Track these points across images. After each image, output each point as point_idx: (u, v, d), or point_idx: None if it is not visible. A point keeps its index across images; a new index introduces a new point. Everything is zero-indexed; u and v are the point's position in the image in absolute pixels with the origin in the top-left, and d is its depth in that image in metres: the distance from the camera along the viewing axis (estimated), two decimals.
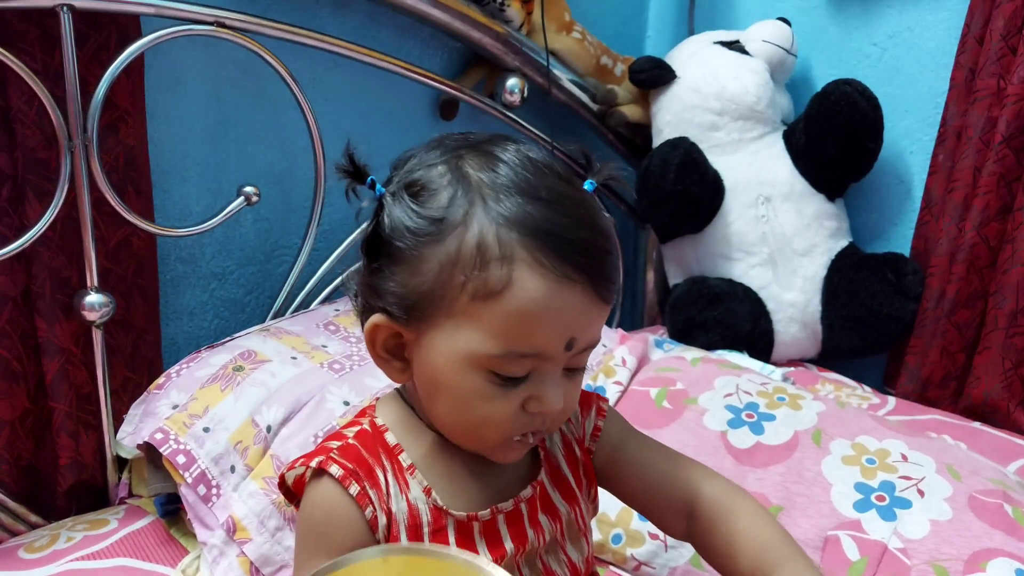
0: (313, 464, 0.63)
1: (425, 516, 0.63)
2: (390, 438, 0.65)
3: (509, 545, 0.64)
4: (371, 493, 0.62)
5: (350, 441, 0.65)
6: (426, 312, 0.58)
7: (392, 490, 0.63)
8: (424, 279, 0.58)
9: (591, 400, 0.72)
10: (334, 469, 0.62)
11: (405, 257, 0.58)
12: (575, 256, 0.56)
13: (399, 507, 0.63)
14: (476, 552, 0.63)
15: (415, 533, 0.63)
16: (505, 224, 0.56)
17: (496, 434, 0.61)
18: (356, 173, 0.62)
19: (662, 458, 0.72)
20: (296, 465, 0.65)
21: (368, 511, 0.62)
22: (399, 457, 0.64)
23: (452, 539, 0.63)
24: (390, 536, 0.63)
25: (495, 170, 0.58)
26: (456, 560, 0.52)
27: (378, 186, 0.61)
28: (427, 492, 0.63)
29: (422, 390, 0.63)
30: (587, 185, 0.62)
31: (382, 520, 0.62)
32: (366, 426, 0.66)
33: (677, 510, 0.71)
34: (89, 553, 1.01)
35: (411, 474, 0.64)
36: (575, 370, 0.62)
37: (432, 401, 0.62)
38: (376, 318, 0.61)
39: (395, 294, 0.59)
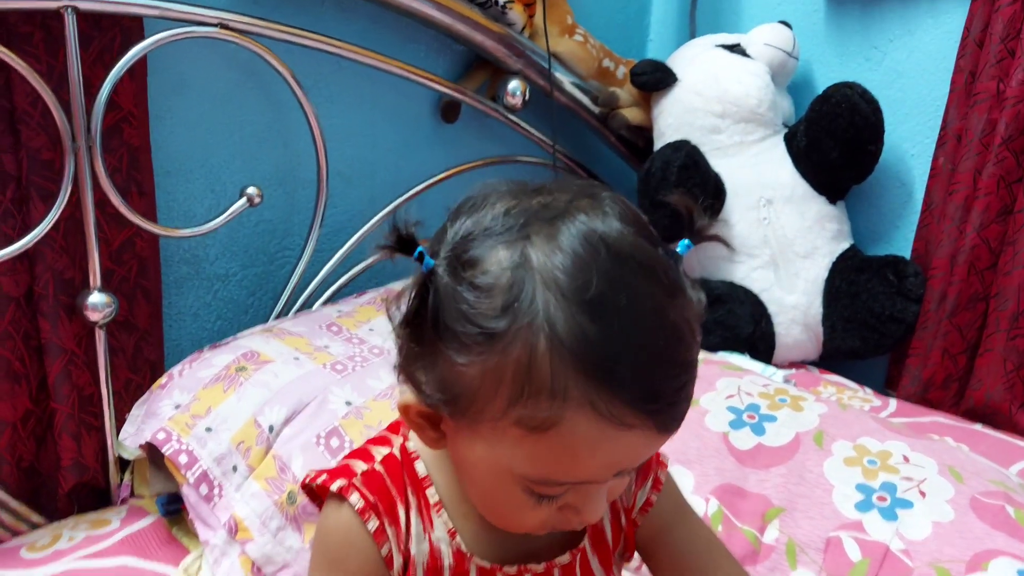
0: (334, 488, 0.59)
1: (447, 559, 0.59)
2: (420, 468, 0.60)
3: None
4: (389, 531, 0.59)
5: (376, 467, 0.60)
6: (464, 415, 0.51)
7: (414, 529, 0.59)
8: (466, 390, 0.50)
9: (650, 470, 0.66)
10: (355, 498, 0.58)
11: (447, 361, 0.50)
12: (639, 402, 0.47)
13: (419, 548, 0.59)
14: None
15: (434, 575, 0.60)
16: (560, 349, 0.47)
17: (525, 530, 0.57)
18: (402, 245, 0.51)
19: (703, 547, 0.68)
20: (320, 478, 0.61)
21: (384, 549, 0.58)
22: (427, 492, 0.60)
23: None
24: (406, 575, 0.59)
25: (557, 264, 0.47)
26: None
27: (427, 259, 0.51)
28: (452, 534, 0.60)
29: (455, 465, 0.58)
30: (680, 247, 0.54)
31: (398, 560, 0.59)
32: (396, 451, 0.62)
33: None
34: (91, 552, 1.01)
35: (437, 512, 0.60)
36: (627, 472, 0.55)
37: (463, 481, 0.58)
38: (410, 398, 0.54)
39: (431, 388, 0.52)
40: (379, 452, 0.62)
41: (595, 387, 0.47)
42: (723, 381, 1.16)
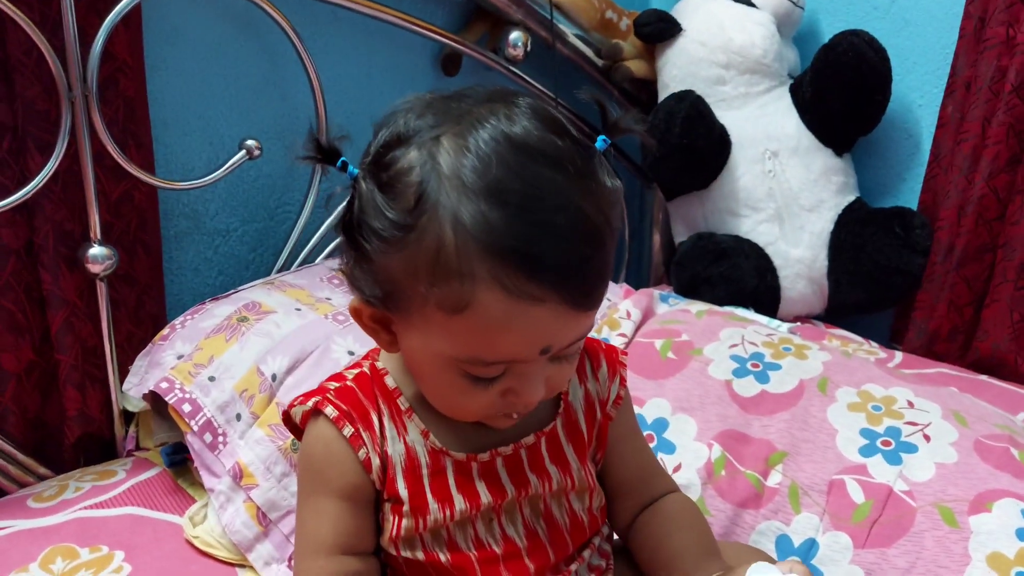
0: (310, 404, 0.64)
1: (423, 458, 0.64)
2: (389, 381, 0.65)
3: (510, 488, 0.65)
4: (364, 435, 0.63)
5: (348, 383, 0.66)
6: (398, 308, 0.56)
7: (388, 433, 0.64)
8: (391, 282, 0.55)
9: (616, 366, 0.71)
10: (329, 410, 0.63)
11: (371, 258, 0.55)
12: (543, 274, 0.52)
13: (395, 449, 0.63)
14: (476, 492, 0.64)
15: (414, 475, 0.64)
16: (465, 236, 0.51)
17: (475, 416, 0.61)
18: (325, 155, 0.58)
19: (652, 455, 0.76)
20: (297, 403, 0.66)
21: (361, 452, 0.63)
22: (397, 400, 0.65)
23: (452, 479, 0.64)
24: (386, 477, 0.63)
25: (464, 163, 0.52)
26: None
27: (350, 167, 0.57)
28: (425, 435, 0.64)
29: (407, 365, 0.63)
30: (598, 143, 0.58)
31: (375, 462, 0.63)
32: (366, 369, 0.67)
33: (638, 504, 0.73)
34: (97, 502, 1.01)
35: (409, 417, 0.64)
36: (565, 357, 0.59)
37: (416, 378, 0.63)
38: (355, 301, 0.60)
39: (368, 286, 0.57)
40: (350, 373, 0.67)
41: (499, 264, 0.51)
42: (727, 331, 1.16)
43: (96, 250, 1.07)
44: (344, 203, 0.58)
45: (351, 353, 1.02)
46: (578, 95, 0.86)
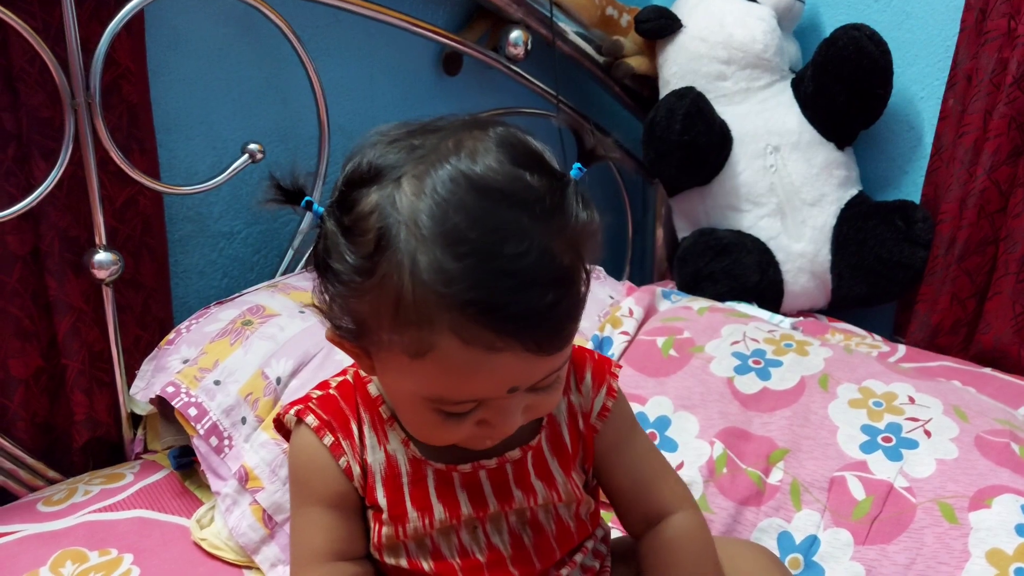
0: (292, 412, 0.66)
1: (404, 466, 0.64)
2: (372, 389, 0.66)
3: (493, 501, 0.65)
4: (344, 444, 0.64)
5: (331, 392, 0.67)
6: (368, 344, 0.56)
7: (369, 441, 0.64)
8: (357, 324, 0.55)
9: (604, 376, 0.70)
10: (310, 419, 0.64)
11: (337, 299, 0.55)
12: (502, 325, 0.50)
13: (375, 458, 0.64)
14: (457, 502, 0.64)
15: (393, 483, 0.64)
16: (422, 285, 0.50)
17: (451, 443, 0.60)
18: (289, 196, 0.57)
19: (656, 464, 0.72)
20: (288, 411, 0.67)
21: (342, 460, 0.64)
22: (379, 409, 0.65)
23: (432, 488, 0.64)
24: (367, 485, 0.64)
25: (422, 209, 0.50)
26: None
27: (315, 206, 0.57)
28: (406, 443, 0.64)
29: (385, 393, 0.64)
30: (573, 171, 0.56)
31: (356, 470, 0.64)
32: (350, 377, 0.68)
33: (643, 516, 0.71)
34: (106, 505, 1.03)
35: (390, 425, 0.65)
36: (543, 388, 0.58)
37: (393, 406, 0.63)
38: (329, 332, 0.59)
39: (339, 321, 0.57)
40: (335, 380, 0.68)
41: (456, 316, 0.50)
42: (728, 328, 1.16)
43: (102, 255, 1.08)
44: (315, 240, 0.57)
45: None
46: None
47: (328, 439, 0.64)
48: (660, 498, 0.70)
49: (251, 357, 1.02)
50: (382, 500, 0.64)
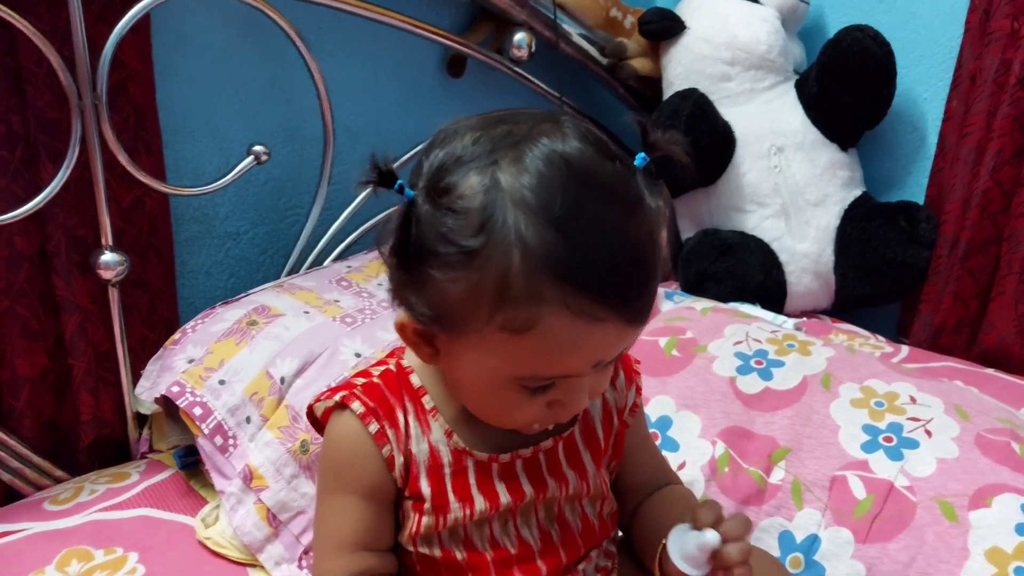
0: (336, 398, 0.65)
1: (446, 457, 0.64)
2: (415, 380, 0.66)
3: (528, 489, 0.66)
4: (389, 433, 0.64)
5: (375, 380, 0.66)
6: (453, 328, 0.56)
7: (413, 431, 0.64)
8: (447, 304, 0.55)
9: (632, 376, 0.73)
10: (356, 405, 0.64)
11: (433, 281, 0.55)
12: (607, 297, 0.53)
13: (419, 448, 0.64)
14: (496, 493, 0.65)
15: (436, 473, 0.64)
16: (532, 260, 0.52)
17: (516, 425, 0.62)
18: (382, 179, 0.55)
19: (664, 460, 0.78)
20: (323, 397, 0.66)
21: (385, 449, 0.64)
22: (422, 399, 0.65)
23: (472, 479, 0.65)
24: (408, 475, 0.64)
25: (524, 183, 0.53)
26: None
27: (407, 190, 0.55)
28: (448, 434, 0.65)
29: (448, 377, 0.63)
30: (637, 160, 0.58)
31: (399, 460, 0.64)
32: (392, 367, 0.67)
33: (637, 503, 0.74)
34: (112, 504, 1.04)
35: (433, 416, 0.65)
36: (606, 366, 0.60)
37: (457, 390, 0.63)
38: (404, 318, 0.59)
39: (423, 308, 0.57)
40: (376, 370, 0.68)
41: (567, 288, 0.52)
42: (731, 328, 1.16)
43: (108, 256, 1.09)
44: (398, 226, 0.56)
45: (358, 355, 1.04)
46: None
47: (374, 426, 0.63)
48: (651, 486, 0.75)
49: (256, 357, 1.03)
50: (425, 490, 0.64)
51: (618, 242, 0.54)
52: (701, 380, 1.07)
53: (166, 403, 1.06)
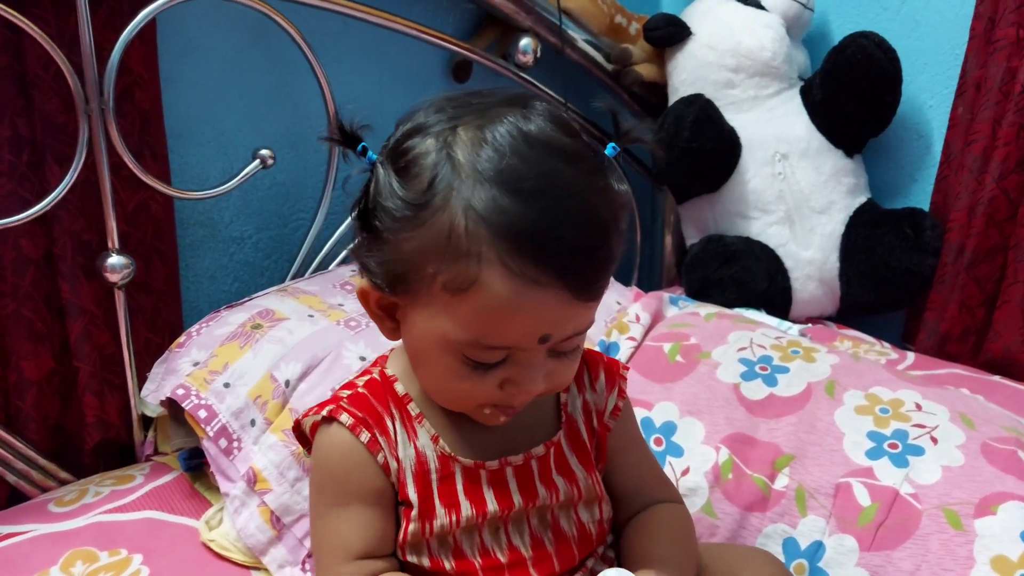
0: (324, 413, 0.65)
1: (433, 463, 0.65)
2: (399, 388, 0.67)
3: (518, 498, 0.65)
4: (381, 440, 0.64)
5: (360, 390, 0.66)
6: (405, 290, 0.58)
7: (400, 438, 0.65)
8: (400, 263, 0.57)
9: (615, 378, 0.73)
10: (344, 418, 0.64)
11: (384, 238, 0.57)
12: (548, 258, 0.54)
13: (406, 454, 0.64)
14: (483, 499, 0.64)
15: (423, 479, 0.64)
16: (476, 219, 0.53)
17: (471, 404, 0.62)
18: (346, 139, 0.60)
19: (656, 468, 0.77)
20: (310, 413, 0.67)
21: (380, 456, 0.64)
22: (408, 406, 0.66)
23: (460, 485, 0.65)
24: (399, 481, 0.64)
25: (480, 152, 0.55)
26: None
27: (369, 152, 0.60)
28: (435, 440, 0.65)
29: (408, 353, 0.65)
30: (608, 150, 0.60)
31: (393, 465, 0.64)
32: (376, 376, 0.68)
33: (628, 514, 0.74)
34: (117, 506, 1.04)
35: (419, 422, 0.65)
36: (565, 352, 0.61)
37: (415, 366, 0.64)
38: (363, 283, 0.62)
39: (377, 268, 0.59)
40: (361, 380, 0.68)
41: (506, 247, 0.53)
42: (735, 334, 1.16)
43: (114, 259, 1.10)
44: (362, 188, 0.60)
45: (363, 359, 1.04)
46: (593, 103, 0.89)
47: (364, 436, 0.64)
48: (656, 495, 0.74)
49: (260, 360, 1.03)
50: (413, 496, 0.64)
51: (568, 202, 0.54)
52: (705, 386, 1.07)
53: (171, 406, 1.06)
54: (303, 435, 0.69)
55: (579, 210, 0.55)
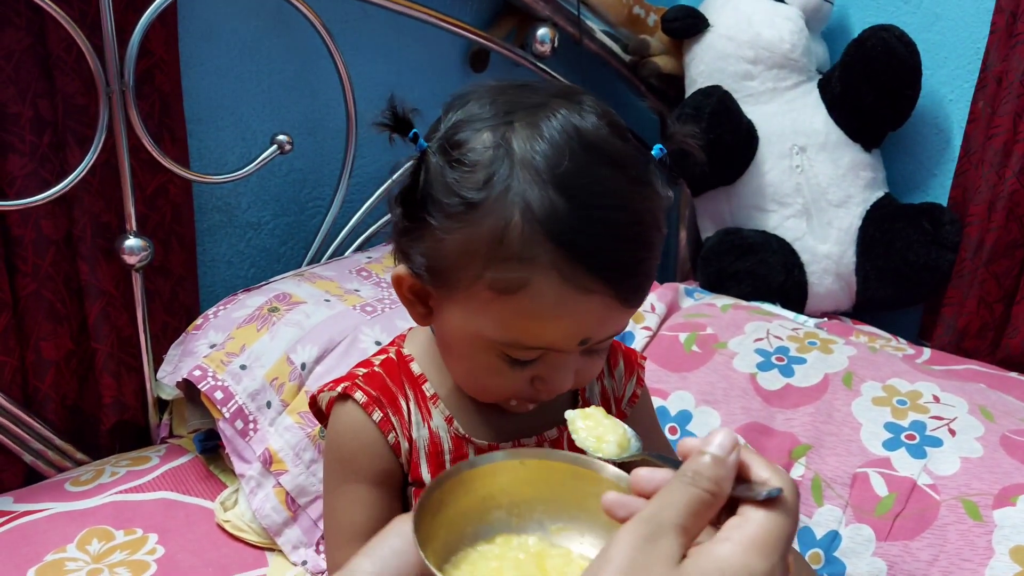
0: (339, 389, 0.65)
1: (447, 444, 0.65)
2: (415, 368, 0.66)
3: None
4: (393, 420, 0.64)
5: (375, 369, 0.66)
6: (446, 284, 0.57)
7: (414, 418, 0.65)
8: (443, 257, 0.56)
9: (634, 366, 0.73)
10: (358, 395, 0.64)
11: (433, 230, 0.56)
12: (600, 269, 0.54)
13: (420, 434, 0.64)
14: None
15: (436, 460, 0.64)
16: (532, 220, 0.53)
17: (498, 397, 0.62)
18: (398, 125, 0.57)
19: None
20: (325, 389, 0.67)
21: (391, 436, 0.64)
22: (423, 387, 0.66)
23: None
24: (411, 462, 0.64)
25: (535, 149, 0.54)
26: (586, 465, 0.51)
27: (421, 140, 0.57)
28: (449, 421, 0.65)
29: (438, 341, 0.64)
30: (655, 151, 0.59)
31: (404, 445, 0.64)
32: (392, 355, 0.68)
33: None
34: (132, 487, 1.04)
35: (434, 403, 0.65)
36: (596, 351, 0.61)
37: (445, 355, 0.64)
38: (401, 269, 0.61)
39: (420, 259, 0.58)
40: (377, 359, 0.68)
41: (560, 254, 0.53)
42: (752, 325, 1.16)
43: (132, 241, 1.10)
44: (408, 175, 0.57)
45: (378, 343, 1.04)
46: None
47: (377, 415, 0.63)
48: None
49: (277, 343, 1.04)
50: (426, 476, 0.64)
51: (620, 215, 0.54)
52: (721, 376, 1.06)
53: (187, 388, 1.07)
54: (320, 411, 0.69)
55: (629, 221, 0.55)
